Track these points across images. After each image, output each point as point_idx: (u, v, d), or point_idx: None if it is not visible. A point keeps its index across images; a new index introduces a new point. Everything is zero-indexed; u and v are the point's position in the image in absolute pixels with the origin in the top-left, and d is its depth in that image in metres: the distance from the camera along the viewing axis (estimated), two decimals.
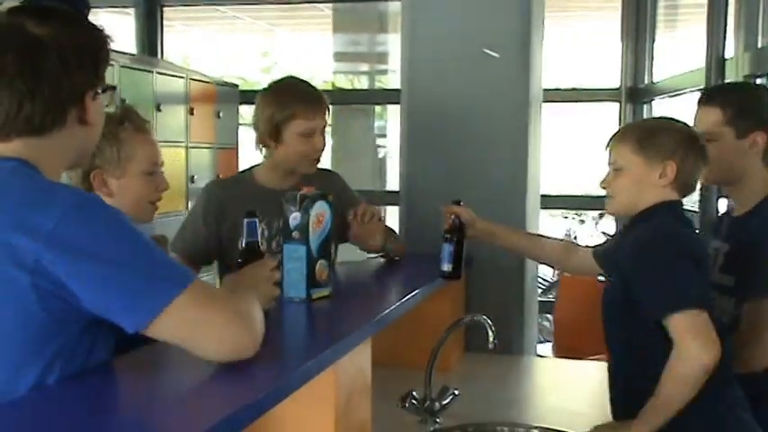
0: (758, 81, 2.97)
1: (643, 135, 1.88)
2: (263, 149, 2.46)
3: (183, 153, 4.01)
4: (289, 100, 2.38)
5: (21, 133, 1.34)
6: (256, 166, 2.54)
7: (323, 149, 2.44)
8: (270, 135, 2.39)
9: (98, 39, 1.42)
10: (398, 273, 2.56)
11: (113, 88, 1.47)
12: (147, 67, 3.84)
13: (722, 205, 3.06)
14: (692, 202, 3.13)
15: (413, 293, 2.16)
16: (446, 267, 2.31)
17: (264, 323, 1.40)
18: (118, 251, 1.25)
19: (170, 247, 2.41)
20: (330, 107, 2.47)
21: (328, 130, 2.56)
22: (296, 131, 2.37)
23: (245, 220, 1.73)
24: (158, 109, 3.77)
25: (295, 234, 1.97)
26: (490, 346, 2.06)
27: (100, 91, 1.41)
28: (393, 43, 5.72)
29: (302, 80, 2.51)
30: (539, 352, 3.62)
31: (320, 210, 1.99)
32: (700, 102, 2.12)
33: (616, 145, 1.92)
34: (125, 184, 1.92)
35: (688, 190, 1.92)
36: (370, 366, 1.84)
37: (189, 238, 2.49)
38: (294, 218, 1.97)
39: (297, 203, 1.96)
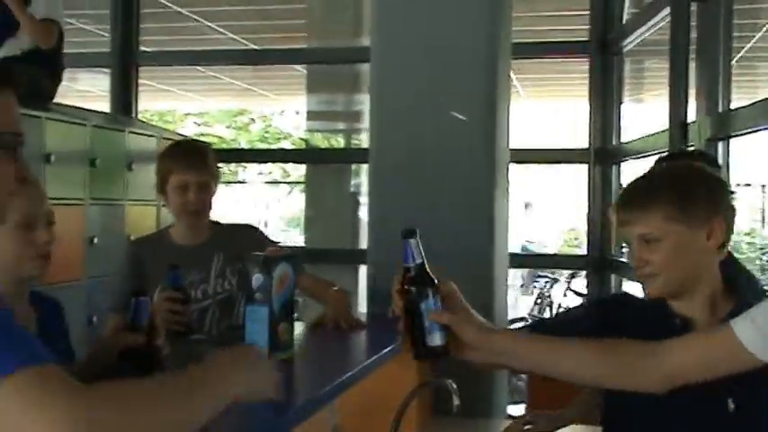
0: (719, 144, 3.03)
1: (678, 194, 1.53)
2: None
3: (153, 211, 4.01)
4: (167, 158, 2.58)
5: None
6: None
7: (198, 204, 2.51)
8: (158, 189, 2.57)
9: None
10: (364, 335, 2.54)
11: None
12: (119, 127, 3.86)
13: None
14: None
15: (376, 356, 2.15)
16: (438, 341, 1.47)
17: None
18: None
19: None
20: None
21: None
22: (173, 185, 2.51)
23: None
24: (130, 168, 3.79)
25: (258, 296, 1.95)
26: (454, 409, 2.05)
27: None
28: (368, 103, 5.77)
29: (190, 140, 2.60)
30: (511, 413, 3.59)
31: (283, 271, 1.99)
32: None
33: (643, 215, 1.52)
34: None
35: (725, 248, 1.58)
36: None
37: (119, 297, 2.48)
38: (257, 279, 1.96)
39: (260, 265, 1.96)
